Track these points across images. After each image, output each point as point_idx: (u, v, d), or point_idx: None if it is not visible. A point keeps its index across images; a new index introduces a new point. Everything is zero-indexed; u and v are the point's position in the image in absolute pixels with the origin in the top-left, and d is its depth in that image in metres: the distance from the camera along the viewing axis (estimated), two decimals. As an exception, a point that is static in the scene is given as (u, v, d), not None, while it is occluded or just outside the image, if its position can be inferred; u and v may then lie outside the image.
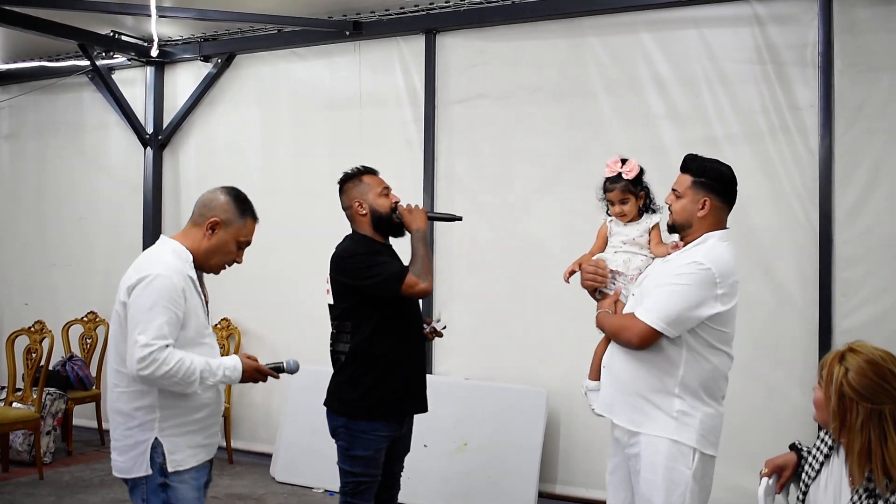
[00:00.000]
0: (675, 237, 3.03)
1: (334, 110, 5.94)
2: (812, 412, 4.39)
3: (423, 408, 3.63)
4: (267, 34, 6.14)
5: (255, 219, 2.97)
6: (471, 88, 5.44)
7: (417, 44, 5.60)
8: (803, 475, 2.55)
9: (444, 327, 3.67)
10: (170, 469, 2.75)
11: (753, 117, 4.62)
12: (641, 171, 3.13)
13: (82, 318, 6.68)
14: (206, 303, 2.94)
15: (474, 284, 5.38)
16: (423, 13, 5.51)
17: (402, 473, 3.71)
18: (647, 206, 3.15)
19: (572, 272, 3.22)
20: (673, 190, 2.97)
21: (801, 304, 4.49)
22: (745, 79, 4.63)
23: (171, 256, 2.81)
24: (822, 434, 2.53)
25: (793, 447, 2.68)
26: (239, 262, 2.99)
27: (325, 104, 5.99)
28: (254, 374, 2.88)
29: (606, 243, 3.20)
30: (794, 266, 4.51)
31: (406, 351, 3.50)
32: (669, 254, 2.98)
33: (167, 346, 2.66)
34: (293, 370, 2.99)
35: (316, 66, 6.05)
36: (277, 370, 2.96)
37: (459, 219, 3.69)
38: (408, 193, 5.30)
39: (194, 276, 2.84)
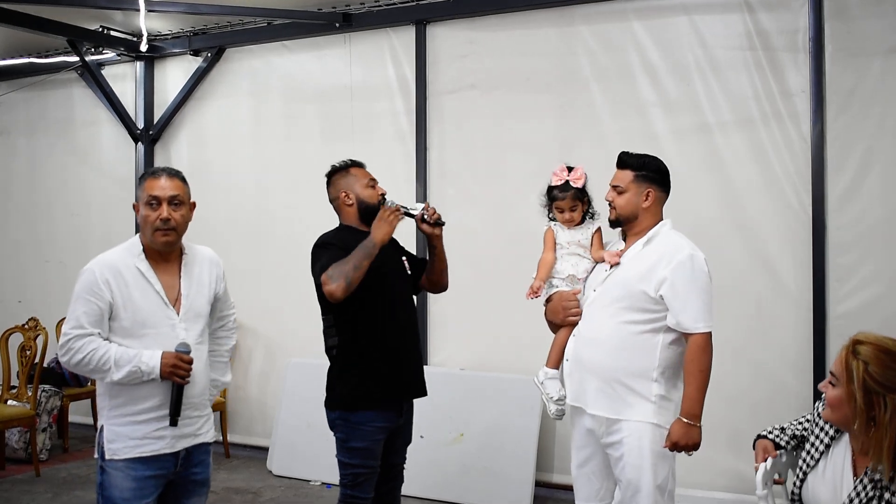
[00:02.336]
0: (620, 245, 3.14)
1: (325, 103, 5.92)
2: (808, 399, 4.40)
3: (420, 392, 3.61)
4: (256, 27, 6.11)
5: (154, 176, 2.91)
6: (462, 79, 5.42)
7: (408, 35, 5.58)
8: (801, 462, 2.56)
9: (425, 207, 3.52)
10: (106, 456, 2.83)
11: (745, 104, 4.61)
12: (586, 179, 3.24)
13: (76, 314, 6.64)
14: (179, 295, 2.93)
15: (468, 275, 5.35)
16: (413, 4, 5.48)
17: (404, 465, 3.71)
18: (588, 212, 3.27)
19: (540, 287, 3.19)
20: (613, 186, 3.08)
21: (795, 291, 4.49)
22: (737, 65, 4.63)
23: (117, 251, 2.95)
24: (821, 423, 2.53)
25: (759, 437, 2.73)
26: (164, 218, 2.86)
27: (316, 96, 5.97)
28: (171, 359, 2.79)
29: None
30: (788, 252, 4.51)
31: (394, 337, 3.49)
32: (610, 261, 3.06)
33: (88, 335, 2.78)
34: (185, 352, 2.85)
35: (306, 58, 6.02)
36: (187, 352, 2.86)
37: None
38: (400, 184, 5.31)
39: (143, 268, 2.89)
